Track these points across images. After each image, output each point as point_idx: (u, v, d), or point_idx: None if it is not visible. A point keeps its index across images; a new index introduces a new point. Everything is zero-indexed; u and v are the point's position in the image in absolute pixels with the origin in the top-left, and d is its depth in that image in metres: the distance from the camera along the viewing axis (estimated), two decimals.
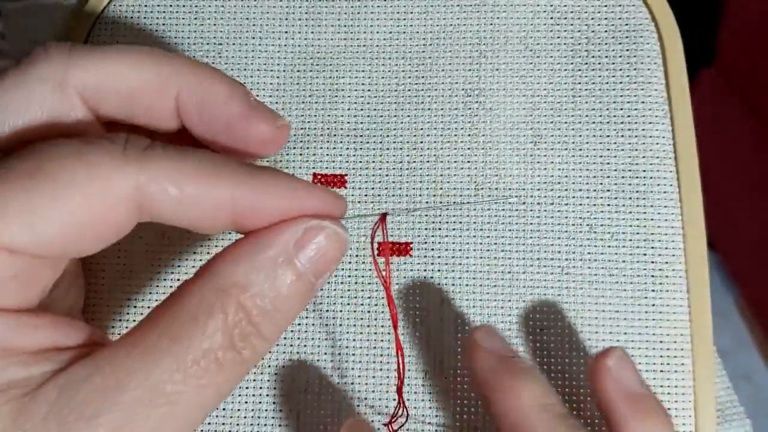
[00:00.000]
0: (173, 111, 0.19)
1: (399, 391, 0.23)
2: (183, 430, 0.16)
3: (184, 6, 0.27)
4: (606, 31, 0.27)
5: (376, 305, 0.25)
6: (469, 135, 0.26)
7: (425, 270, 0.25)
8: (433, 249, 0.25)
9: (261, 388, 0.25)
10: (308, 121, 0.26)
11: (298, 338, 0.25)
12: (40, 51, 0.18)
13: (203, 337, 0.16)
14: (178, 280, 0.25)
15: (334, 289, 0.25)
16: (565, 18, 0.27)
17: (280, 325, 0.17)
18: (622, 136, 0.26)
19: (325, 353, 0.25)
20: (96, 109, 0.19)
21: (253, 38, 0.27)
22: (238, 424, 0.25)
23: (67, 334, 0.17)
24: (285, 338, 0.25)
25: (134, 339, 0.16)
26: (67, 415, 0.15)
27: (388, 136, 0.26)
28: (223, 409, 0.25)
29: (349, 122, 0.26)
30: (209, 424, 0.25)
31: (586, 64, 0.26)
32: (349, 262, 0.25)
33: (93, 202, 0.16)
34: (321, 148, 0.26)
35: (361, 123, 0.26)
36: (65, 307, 0.21)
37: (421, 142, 0.26)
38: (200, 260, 0.26)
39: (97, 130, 0.19)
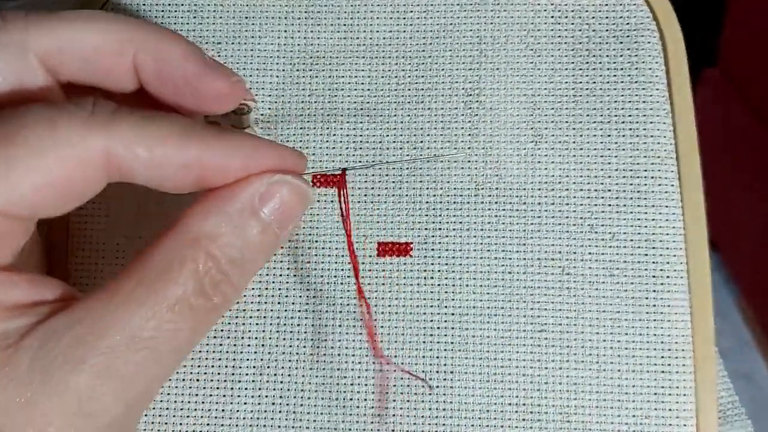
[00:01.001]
0: (131, 72, 0.20)
1: (370, 336, 0.23)
2: (161, 372, 0.18)
3: (183, 5, 0.27)
4: (607, 30, 0.27)
5: (375, 305, 0.25)
6: (470, 134, 0.26)
7: (425, 270, 0.25)
8: (433, 249, 0.25)
9: (260, 389, 0.25)
10: (308, 121, 0.26)
11: (297, 339, 0.25)
12: None
13: (176, 285, 0.17)
14: None
15: (334, 289, 0.25)
16: (566, 17, 0.27)
17: (247, 273, 0.19)
18: (623, 135, 0.26)
19: (324, 354, 0.25)
20: (56, 72, 0.19)
21: (253, 37, 0.27)
22: (237, 425, 0.25)
23: (42, 290, 0.18)
24: (284, 338, 0.25)
25: (110, 290, 0.17)
26: (50, 363, 0.16)
27: (387, 135, 0.26)
28: (223, 410, 0.25)
29: (348, 121, 0.26)
30: (209, 425, 0.24)
31: (587, 63, 0.26)
32: (349, 263, 0.25)
33: (63, 166, 0.17)
34: (320, 147, 0.26)
35: (361, 122, 0.26)
36: (30, 269, 0.21)
37: (421, 142, 0.26)
38: None
39: (58, 93, 0.20)
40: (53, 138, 0.16)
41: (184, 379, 0.25)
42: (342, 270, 0.25)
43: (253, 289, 0.25)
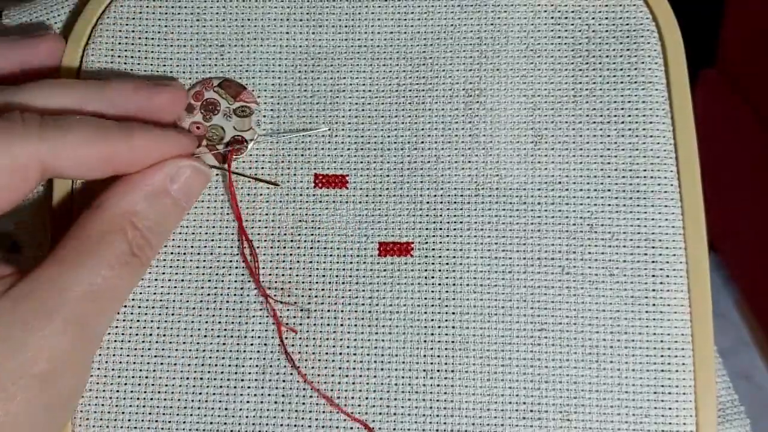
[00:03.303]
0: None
1: (254, 279, 0.25)
2: (109, 317, 0.23)
3: (185, 7, 0.27)
4: (607, 30, 0.27)
5: (377, 305, 0.25)
6: (470, 135, 0.26)
7: (426, 270, 0.25)
8: (433, 249, 0.26)
9: (263, 387, 0.25)
10: (309, 122, 0.26)
11: (300, 338, 0.25)
12: None
13: (113, 248, 0.22)
14: (180, 281, 0.26)
15: (336, 290, 0.25)
16: (566, 18, 0.27)
17: (163, 236, 0.24)
18: (623, 135, 0.26)
19: (326, 353, 0.25)
20: None
21: (255, 39, 0.27)
22: (239, 424, 0.25)
23: None
24: (286, 338, 0.25)
25: (60, 258, 0.22)
26: (25, 317, 0.20)
27: (389, 136, 0.26)
28: (226, 408, 0.25)
29: (350, 123, 0.26)
30: (212, 423, 0.25)
31: (587, 63, 0.26)
32: (350, 263, 0.25)
33: (5, 172, 0.21)
34: (322, 148, 0.26)
35: (362, 123, 0.26)
36: None
37: (422, 143, 0.26)
38: (194, 256, 0.26)
39: None
40: None
41: (187, 378, 0.25)
42: (343, 270, 0.26)
43: (255, 289, 0.25)
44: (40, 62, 0.26)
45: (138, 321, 0.25)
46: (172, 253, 0.26)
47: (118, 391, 0.25)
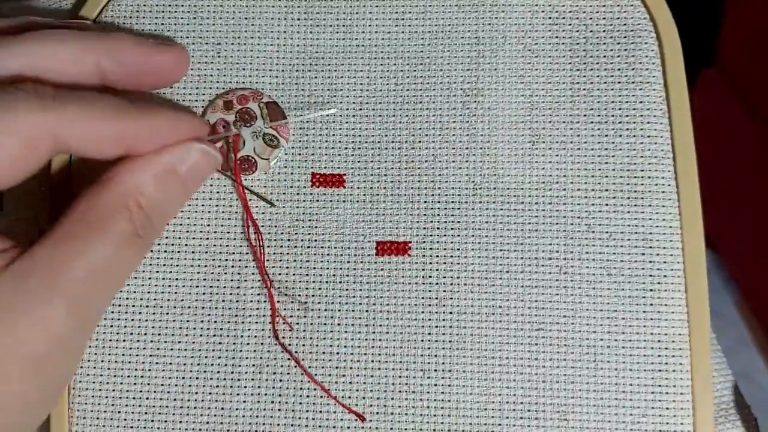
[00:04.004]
0: (95, 71, 0.23)
1: (262, 271, 0.25)
2: (110, 295, 0.23)
3: (182, 6, 0.27)
4: (604, 30, 0.27)
5: (374, 304, 0.25)
6: (468, 135, 0.26)
7: (423, 269, 0.25)
8: (431, 248, 0.26)
9: (259, 387, 0.25)
10: (307, 121, 0.26)
11: (296, 338, 0.25)
12: None
13: (117, 227, 0.21)
14: (176, 279, 0.26)
15: (333, 289, 0.25)
16: (564, 18, 0.27)
17: (167, 217, 0.24)
18: (620, 135, 0.26)
19: (324, 352, 0.25)
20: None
21: (252, 38, 0.27)
22: (236, 423, 0.25)
23: None
24: (283, 338, 0.25)
25: (62, 234, 0.21)
26: (24, 296, 0.20)
27: (386, 135, 0.26)
28: (222, 408, 0.25)
29: (347, 122, 0.26)
30: (208, 423, 0.25)
31: (585, 63, 0.26)
32: (348, 262, 0.25)
33: (19, 144, 0.20)
34: (320, 148, 0.26)
35: (360, 123, 0.26)
36: None
37: (420, 142, 0.26)
38: (189, 254, 0.26)
39: None
40: (12, 120, 0.20)
41: (183, 377, 0.25)
42: (341, 270, 0.25)
43: (252, 288, 0.25)
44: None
45: (133, 320, 0.25)
46: (166, 251, 0.26)
47: (113, 390, 0.25)
